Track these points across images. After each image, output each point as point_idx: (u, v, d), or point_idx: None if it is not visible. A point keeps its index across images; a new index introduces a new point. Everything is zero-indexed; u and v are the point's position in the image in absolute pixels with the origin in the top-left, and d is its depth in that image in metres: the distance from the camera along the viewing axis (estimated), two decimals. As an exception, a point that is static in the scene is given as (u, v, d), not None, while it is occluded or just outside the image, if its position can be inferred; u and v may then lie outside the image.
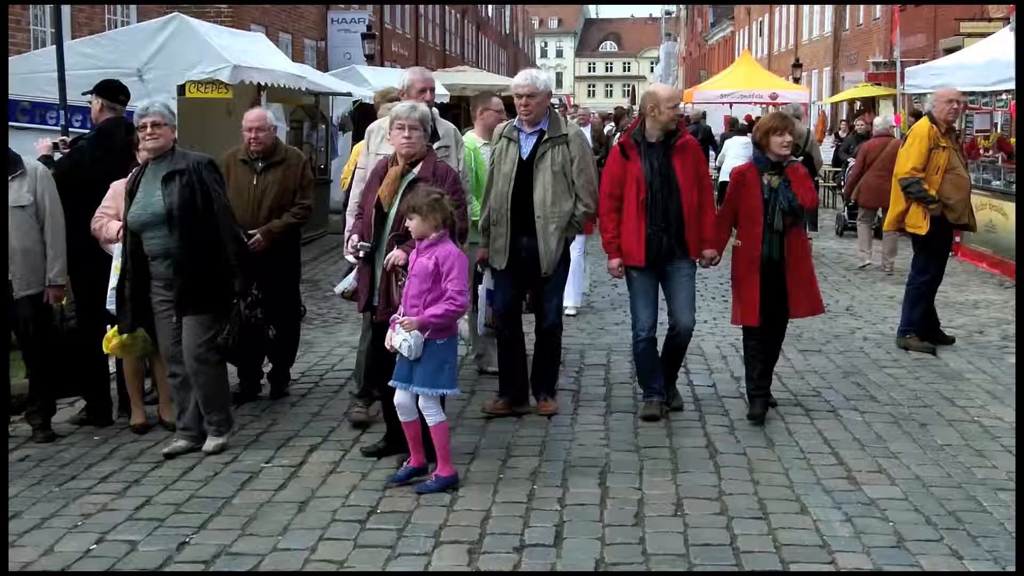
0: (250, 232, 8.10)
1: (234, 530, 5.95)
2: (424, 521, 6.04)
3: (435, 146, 7.42)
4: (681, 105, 7.81)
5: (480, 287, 8.86)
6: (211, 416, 7.30)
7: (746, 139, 22.20)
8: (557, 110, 9.22)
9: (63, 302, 7.66)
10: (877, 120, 17.22)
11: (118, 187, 7.47)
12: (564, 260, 8.13)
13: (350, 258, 7.76)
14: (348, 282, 7.76)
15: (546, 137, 7.93)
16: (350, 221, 7.77)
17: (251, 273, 7.41)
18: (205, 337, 7.15)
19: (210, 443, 7.26)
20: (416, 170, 6.88)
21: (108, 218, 7.46)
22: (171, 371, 7.35)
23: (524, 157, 7.95)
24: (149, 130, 7.09)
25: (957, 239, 10.70)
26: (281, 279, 8.50)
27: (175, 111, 7.28)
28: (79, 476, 6.82)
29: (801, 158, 7.56)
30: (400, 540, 5.79)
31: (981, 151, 18.93)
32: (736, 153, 18.93)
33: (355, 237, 7.00)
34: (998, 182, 16.39)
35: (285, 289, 8.62)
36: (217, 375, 7.34)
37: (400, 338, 6.35)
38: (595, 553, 5.65)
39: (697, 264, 7.92)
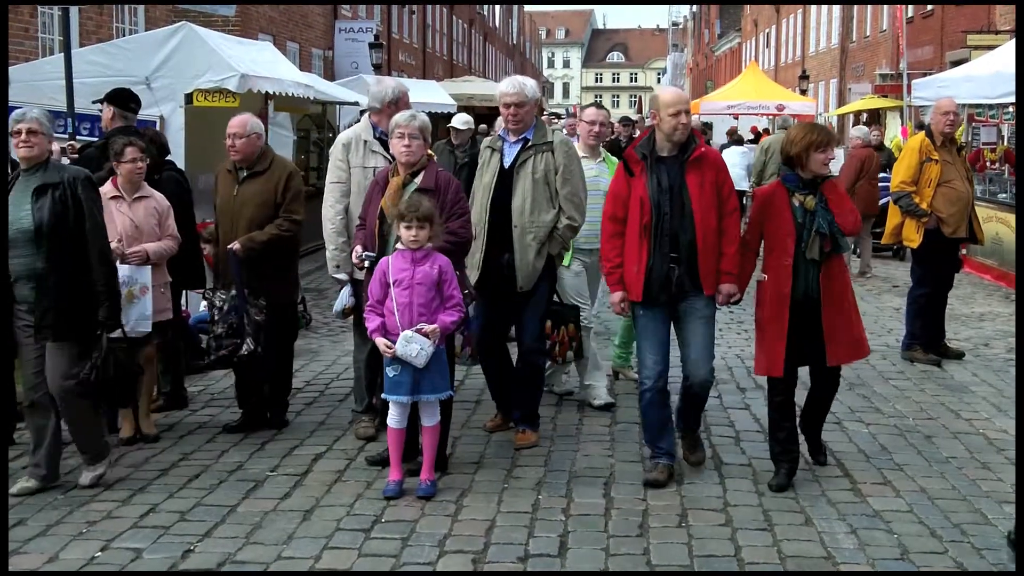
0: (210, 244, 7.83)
1: (239, 538, 5.95)
2: (429, 530, 6.05)
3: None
4: (686, 113, 6.67)
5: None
6: (83, 450, 6.81)
7: (743, 148, 22.26)
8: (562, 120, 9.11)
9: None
10: (854, 132, 17.22)
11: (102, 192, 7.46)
12: (550, 277, 7.66)
13: (340, 276, 7.76)
14: (345, 299, 7.76)
15: (530, 144, 7.50)
16: (337, 240, 7.69)
17: (115, 304, 6.74)
18: (73, 370, 6.55)
19: (86, 476, 6.76)
20: (418, 180, 6.87)
21: None
22: (30, 400, 6.68)
23: (507, 166, 7.52)
24: (24, 137, 6.51)
25: (963, 251, 10.64)
26: (272, 301, 7.84)
27: (50, 118, 6.62)
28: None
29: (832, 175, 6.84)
30: (405, 549, 5.80)
31: (987, 164, 18.91)
32: (733, 162, 18.97)
33: (359, 248, 6.98)
34: (1004, 195, 16.39)
35: (278, 312, 7.93)
36: (87, 407, 6.74)
37: (417, 347, 6.38)
38: (599, 563, 5.65)
39: (715, 301, 6.79)
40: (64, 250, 6.48)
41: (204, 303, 9.69)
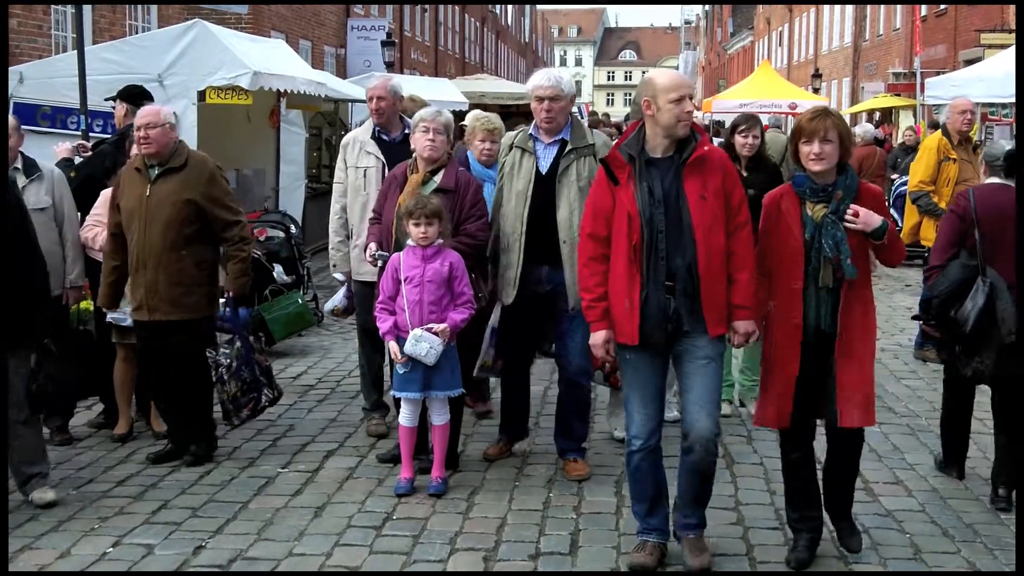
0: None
1: (250, 535, 5.96)
2: (440, 528, 6.05)
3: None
4: (691, 99, 5.35)
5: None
6: (35, 468, 6.39)
7: None
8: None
9: (83, 304, 7.67)
10: (856, 130, 17.21)
11: (108, 195, 7.45)
12: None
13: (338, 276, 7.79)
14: (338, 299, 7.81)
15: (569, 148, 6.69)
16: (334, 240, 7.77)
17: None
18: (31, 380, 6.38)
19: (42, 495, 6.32)
20: (438, 178, 6.82)
21: (102, 226, 7.38)
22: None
23: (543, 171, 6.73)
24: None
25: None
26: (189, 320, 7.04)
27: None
28: (96, 479, 6.84)
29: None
30: (416, 547, 5.80)
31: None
32: None
33: (373, 245, 6.91)
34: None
35: (195, 331, 7.09)
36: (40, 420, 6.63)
37: (427, 345, 6.37)
38: (610, 562, 5.64)
39: (726, 342, 5.50)
40: (36, 252, 6.34)
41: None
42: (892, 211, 17.08)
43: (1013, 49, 17.23)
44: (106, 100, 9.78)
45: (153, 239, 6.91)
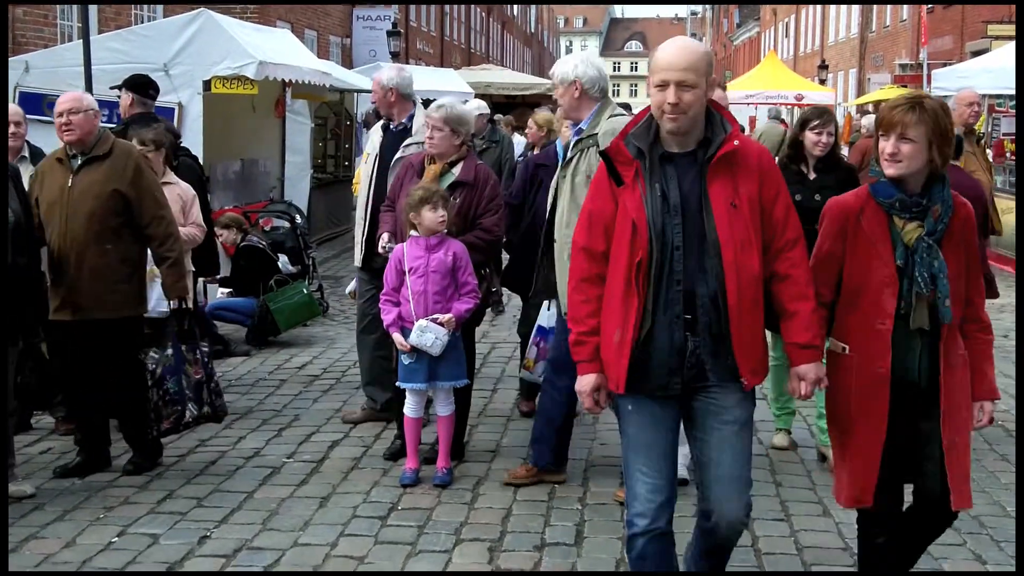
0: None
1: (255, 524, 5.96)
2: (445, 518, 6.05)
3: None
4: (686, 88, 3.98)
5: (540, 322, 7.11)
6: (11, 459, 6.30)
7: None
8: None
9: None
10: (865, 120, 17.27)
11: None
12: None
13: (358, 262, 7.82)
14: (354, 283, 7.86)
15: (582, 136, 6.07)
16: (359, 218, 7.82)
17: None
18: (16, 373, 6.36)
19: (21, 487, 6.31)
20: (456, 171, 6.78)
21: None
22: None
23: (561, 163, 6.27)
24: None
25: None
26: (112, 318, 6.60)
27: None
28: (101, 469, 6.84)
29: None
30: (421, 537, 5.80)
31: (1008, 155, 18.83)
32: None
33: (385, 235, 6.90)
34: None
35: (119, 330, 6.63)
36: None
37: (432, 336, 6.36)
38: (616, 553, 5.63)
39: (772, 394, 4.43)
40: (33, 242, 6.31)
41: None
42: None
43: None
44: (111, 89, 9.79)
45: (76, 232, 6.47)
